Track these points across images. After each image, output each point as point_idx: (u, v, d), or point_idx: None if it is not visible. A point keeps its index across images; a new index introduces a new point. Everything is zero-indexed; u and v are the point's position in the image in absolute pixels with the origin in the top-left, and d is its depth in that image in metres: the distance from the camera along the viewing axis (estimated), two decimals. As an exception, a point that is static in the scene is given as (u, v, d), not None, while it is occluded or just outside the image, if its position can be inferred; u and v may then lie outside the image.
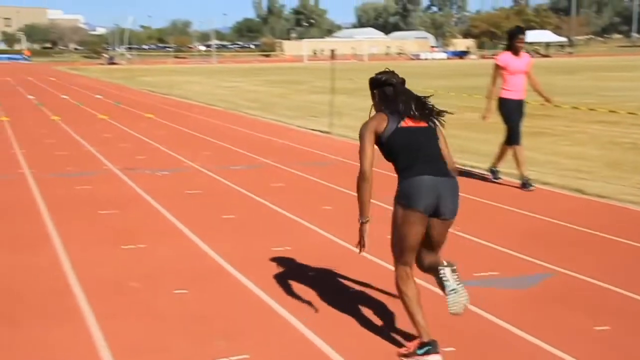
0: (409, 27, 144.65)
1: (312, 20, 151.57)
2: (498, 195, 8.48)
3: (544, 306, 4.85)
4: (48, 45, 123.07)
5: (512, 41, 9.08)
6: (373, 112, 4.27)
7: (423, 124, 4.15)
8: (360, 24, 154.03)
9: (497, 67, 9.16)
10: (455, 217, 4.22)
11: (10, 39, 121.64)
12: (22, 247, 6.25)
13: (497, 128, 12.39)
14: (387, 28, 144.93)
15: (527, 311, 4.75)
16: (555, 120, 16.16)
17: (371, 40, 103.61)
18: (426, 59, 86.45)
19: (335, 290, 5.16)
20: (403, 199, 4.06)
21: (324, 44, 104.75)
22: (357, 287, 5.21)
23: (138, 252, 6.08)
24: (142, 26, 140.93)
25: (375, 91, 4.33)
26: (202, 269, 5.66)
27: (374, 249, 4.81)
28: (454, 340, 4.27)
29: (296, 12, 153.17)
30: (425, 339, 3.92)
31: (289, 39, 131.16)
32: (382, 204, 6.19)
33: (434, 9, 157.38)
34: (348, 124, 16.04)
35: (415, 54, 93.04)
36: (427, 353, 3.88)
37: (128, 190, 8.83)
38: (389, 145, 4.08)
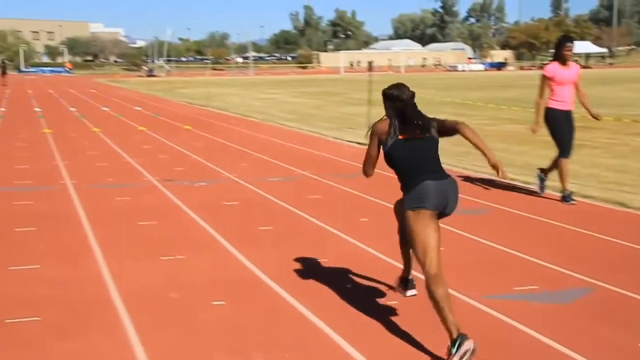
0: (446, 38, 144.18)
1: (349, 32, 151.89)
2: (538, 209, 8.38)
3: (584, 321, 4.77)
4: (89, 58, 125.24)
5: (559, 50, 8.88)
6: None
7: (422, 135, 4.53)
8: (397, 35, 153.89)
9: (545, 78, 8.96)
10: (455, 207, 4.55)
11: (53, 52, 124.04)
12: (65, 258, 6.34)
13: (535, 140, 12.26)
14: (424, 39, 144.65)
15: (566, 326, 4.68)
16: (596, 132, 15.92)
17: (408, 52, 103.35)
18: (463, 71, 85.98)
19: (373, 302, 5.14)
20: (414, 203, 4.33)
21: (361, 56, 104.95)
22: (395, 299, 5.18)
23: (177, 263, 6.14)
24: (180, 38, 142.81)
25: (387, 103, 4.71)
26: (240, 280, 5.69)
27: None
28: (492, 353, 4.22)
29: (333, 24, 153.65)
30: (455, 335, 4.03)
31: (325, 50, 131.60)
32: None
33: (472, 20, 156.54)
34: (385, 136, 16.03)
35: (453, 66, 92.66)
36: (459, 346, 3.96)
37: (167, 201, 8.92)
38: (390, 154, 4.53)
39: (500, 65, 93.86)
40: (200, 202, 8.78)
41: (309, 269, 5.97)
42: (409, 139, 4.50)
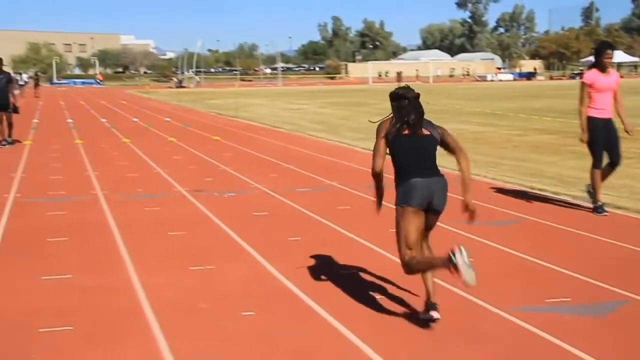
0: (475, 48, 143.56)
1: (377, 43, 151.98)
2: (569, 220, 8.27)
3: (619, 334, 4.69)
4: (120, 69, 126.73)
5: (599, 58, 8.71)
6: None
7: (427, 132, 4.91)
8: (426, 45, 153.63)
9: (584, 86, 8.71)
10: (443, 209, 4.97)
11: (84, 64, 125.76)
12: (96, 267, 6.40)
13: (565, 150, 12.14)
14: (452, 50, 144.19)
15: (601, 339, 4.60)
16: (629, 143, 15.70)
17: (436, 62, 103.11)
18: (492, 81, 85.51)
19: (403, 314, 5.11)
20: (401, 201, 4.83)
21: (389, 66, 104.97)
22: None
23: (206, 274, 6.16)
24: (209, 50, 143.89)
25: (393, 103, 5.04)
26: (269, 291, 5.69)
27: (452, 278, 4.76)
28: (525, 368, 4.16)
29: (361, 34, 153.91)
30: (430, 300, 4.81)
31: (354, 61, 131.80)
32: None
33: (501, 30, 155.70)
34: (414, 146, 15.97)
35: (482, 76, 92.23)
36: (429, 310, 4.77)
37: (196, 211, 8.97)
38: (394, 148, 4.89)
39: (529, 75, 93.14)
40: (230, 212, 8.81)
41: (338, 279, 5.95)
42: (411, 135, 4.86)
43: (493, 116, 23.55)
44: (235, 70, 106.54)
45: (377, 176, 5.04)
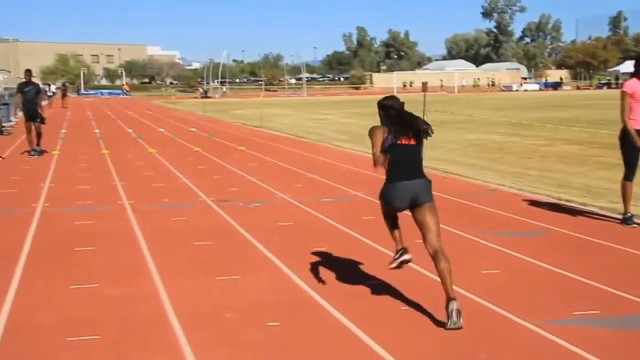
0: (500, 58, 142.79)
1: (402, 53, 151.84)
2: (597, 231, 8.18)
3: (649, 349, 4.62)
4: (146, 80, 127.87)
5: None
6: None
7: (413, 142, 5.43)
8: (451, 55, 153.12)
9: (625, 95, 8.43)
10: (431, 201, 5.42)
11: (112, 75, 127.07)
12: (123, 277, 6.45)
13: (593, 161, 12.02)
14: (477, 60, 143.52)
15: (629, 353, 4.54)
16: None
17: (462, 72, 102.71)
18: (517, 90, 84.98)
19: (430, 327, 5.08)
20: (386, 201, 5.58)
21: (414, 76, 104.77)
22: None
23: (232, 284, 6.18)
24: (234, 60, 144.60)
25: (381, 112, 5.64)
26: (294, 301, 5.69)
27: (485, 293, 4.73)
28: (553, 382, 4.12)
29: (386, 44, 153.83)
30: (399, 247, 5.59)
31: (378, 71, 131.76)
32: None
33: (527, 39, 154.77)
34: (438, 157, 15.91)
35: (507, 86, 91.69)
36: (401, 255, 5.52)
37: (222, 221, 9.01)
38: (389, 152, 5.36)
39: (555, 85, 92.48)
40: (255, 222, 8.84)
41: (363, 290, 5.94)
42: (403, 144, 5.39)
43: (519, 126, 23.40)
44: (260, 81, 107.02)
45: (377, 163, 5.52)
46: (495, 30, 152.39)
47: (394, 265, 5.56)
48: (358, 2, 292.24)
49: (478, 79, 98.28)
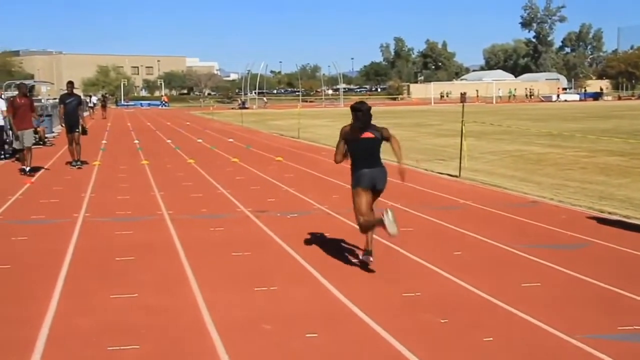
0: (539, 69, 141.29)
1: (439, 63, 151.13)
2: (639, 244, 8.02)
3: (697, 366, 4.50)
4: (185, 91, 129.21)
5: None
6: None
7: (372, 136, 6.96)
8: (489, 66, 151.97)
9: None
10: (384, 188, 7.15)
11: (151, 86, 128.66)
12: (162, 287, 6.51)
13: (635, 172, 11.79)
14: (516, 70, 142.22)
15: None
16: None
17: (500, 83, 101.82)
18: (557, 101, 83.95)
19: (469, 340, 5.02)
20: (355, 184, 7.06)
21: (451, 87, 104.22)
22: (492, 336, 5.04)
23: (270, 294, 6.19)
24: (272, 71, 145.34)
25: (353, 114, 7.06)
26: (333, 312, 5.68)
27: (526, 306, 4.66)
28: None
29: (424, 55, 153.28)
30: (369, 248, 7.09)
31: (416, 82, 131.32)
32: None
33: (567, 49, 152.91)
34: (478, 168, 15.79)
35: (547, 96, 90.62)
36: (366, 255, 7.06)
37: (260, 232, 9.04)
38: (350, 146, 7.03)
39: (596, 96, 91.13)
40: (292, 233, 8.85)
41: (402, 303, 5.90)
42: (363, 139, 6.94)
43: (559, 137, 23.09)
44: (297, 91, 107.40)
45: (338, 160, 7.26)
46: (534, 40, 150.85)
47: (362, 259, 7.17)
48: (396, 13, 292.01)
49: (515, 89, 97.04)
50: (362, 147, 6.96)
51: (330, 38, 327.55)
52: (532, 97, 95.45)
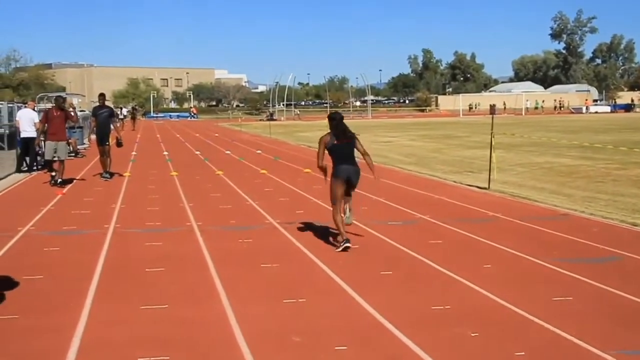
0: (570, 80, 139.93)
1: (468, 75, 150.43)
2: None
3: None
4: (213, 103, 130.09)
5: None
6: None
7: (347, 141, 8.79)
8: (518, 77, 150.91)
9: None
10: (357, 183, 8.89)
11: (180, 98, 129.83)
12: (192, 298, 6.54)
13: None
14: (546, 81, 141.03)
15: None
16: None
17: (530, 94, 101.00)
18: (588, 113, 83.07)
19: (500, 356, 4.97)
20: (334, 176, 8.67)
21: (480, 99, 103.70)
22: (524, 352, 4.98)
23: (299, 307, 6.19)
24: (300, 83, 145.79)
25: (330, 122, 8.87)
26: (362, 325, 5.66)
27: (557, 321, 4.59)
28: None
29: (452, 66, 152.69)
30: (344, 237, 8.46)
31: (444, 93, 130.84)
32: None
33: (598, 61, 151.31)
34: (507, 180, 15.67)
35: (577, 108, 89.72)
36: (346, 242, 8.38)
37: (288, 244, 9.05)
38: (330, 150, 8.75)
39: (627, 107, 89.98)
40: (321, 244, 8.85)
41: (432, 316, 5.86)
42: (340, 144, 8.75)
43: (590, 149, 22.83)
44: (325, 103, 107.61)
45: (321, 167, 8.90)
46: (564, 51, 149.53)
47: (340, 249, 8.44)
48: (424, 25, 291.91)
49: (543, 101, 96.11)
50: (340, 150, 8.75)
51: (358, 50, 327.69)
52: (562, 108, 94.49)
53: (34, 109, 19.81)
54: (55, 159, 15.38)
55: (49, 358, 4.98)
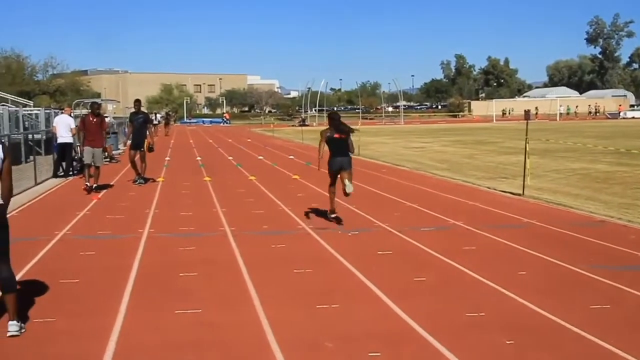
0: (606, 85, 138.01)
1: (501, 80, 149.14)
2: None
3: None
4: (245, 108, 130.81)
5: None
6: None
7: (343, 136, 10.67)
8: (553, 82, 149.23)
9: None
10: (350, 169, 10.79)
11: (213, 104, 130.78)
12: (225, 303, 6.56)
13: None
14: (581, 87, 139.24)
15: None
16: None
17: (564, 99, 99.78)
18: (624, 118, 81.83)
19: (535, 363, 4.90)
20: (330, 167, 10.85)
21: (514, 104, 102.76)
22: (559, 361, 4.91)
23: (332, 312, 6.17)
24: (332, 89, 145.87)
25: (329, 120, 10.93)
26: (395, 331, 5.62)
27: (595, 330, 4.52)
28: None
29: (485, 72, 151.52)
30: (332, 208, 11.09)
31: (477, 99, 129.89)
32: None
33: (635, 65, 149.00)
34: (542, 186, 15.49)
35: (613, 113, 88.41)
36: (331, 214, 11.14)
37: (321, 249, 9.04)
38: (328, 142, 10.71)
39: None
40: (354, 250, 8.83)
41: (466, 323, 5.81)
42: (338, 138, 10.69)
43: (627, 155, 22.47)
44: (357, 109, 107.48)
45: (319, 154, 10.88)
46: (600, 56, 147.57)
47: (333, 217, 11.12)
48: (457, 30, 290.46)
49: (577, 106, 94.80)
50: (336, 143, 10.76)
51: (391, 55, 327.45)
52: (598, 114, 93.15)
53: (70, 115, 20.10)
54: (93, 164, 15.55)
55: (85, 361, 5.03)
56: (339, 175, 10.86)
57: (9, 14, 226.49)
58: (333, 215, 11.12)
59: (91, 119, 15.71)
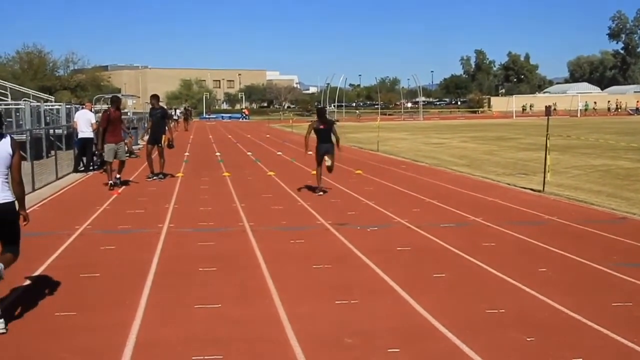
0: (628, 81, 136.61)
1: (521, 76, 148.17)
2: None
3: None
4: (264, 104, 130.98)
5: None
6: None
7: (328, 127, 13.89)
8: (574, 78, 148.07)
9: None
10: (333, 152, 14.02)
11: (232, 99, 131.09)
12: (244, 298, 6.58)
13: None
14: (603, 82, 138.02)
15: None
16: None
17: (585, 95, 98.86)
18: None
19: (552, 357, 4.87)
20: (317, 148, 13.99)
21: (534, 100, 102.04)
22: (582, 359, 4.87)
23: (351, 308, 6.17)
24: (351, 84, 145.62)
25: (317, 112, 14.63)
26: (414, 328, 5.61)
27: (617, 327, 4.48)
28: None
29: (505, 67, 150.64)
30: (318, 185, 14.22)
31: (497, 95, 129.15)
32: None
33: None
34: (562, 183, 15.38)
35: (634, 109, 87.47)
36: (319, 191, 14.12)
37: (340, 245, 9.03)
38: (315, 132, 13.89)
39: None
40: (373, 246, 8.82)
41: (486, 320, 5.78)
42: (323, 128, 13.79)
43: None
44: (376, 104, 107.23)
45: (306, 141, 14.17)
46: (622, 51, 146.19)
47: (320, 193, 13.77)
48: (477, 26, 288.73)
49: (595, 102, 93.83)
50: (322, 132, 13.75)
51: (410, 51, 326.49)
52: (619, 110, 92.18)
53: (90, 110, 20.22)
54: (114, 159, 15.58)
55: (106, 355, 5.07)
56: (324, 158, 13.80)
57: (33, 8, 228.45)
58: (319, 192, 13.90)
59: (113, 113, 15.73)
